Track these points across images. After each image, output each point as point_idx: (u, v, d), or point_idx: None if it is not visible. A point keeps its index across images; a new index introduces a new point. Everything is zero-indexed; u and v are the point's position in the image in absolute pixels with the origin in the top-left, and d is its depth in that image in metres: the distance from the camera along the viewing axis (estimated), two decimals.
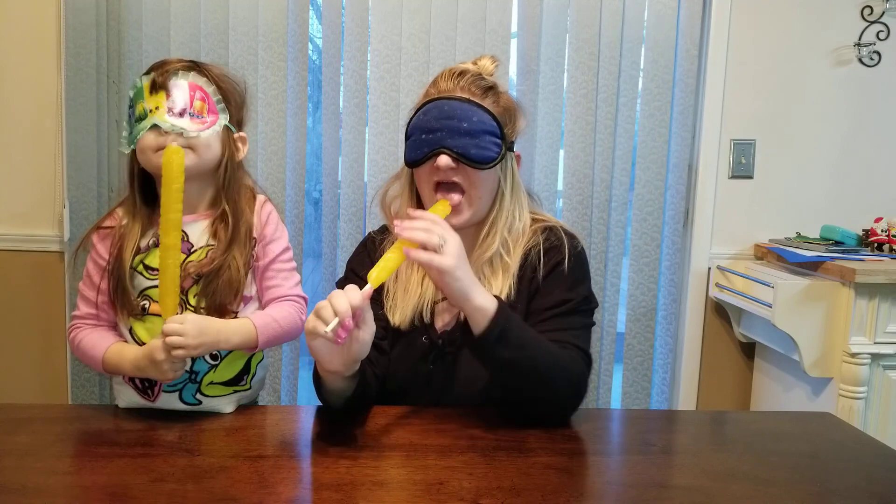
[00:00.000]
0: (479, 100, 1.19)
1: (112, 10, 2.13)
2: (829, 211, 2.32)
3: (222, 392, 1.22)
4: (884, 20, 2.26)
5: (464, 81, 1.20)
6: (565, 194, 2.28)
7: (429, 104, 1.18)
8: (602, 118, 2.24)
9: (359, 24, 2.20)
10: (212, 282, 1.19)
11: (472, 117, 1.16)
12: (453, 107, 1.16)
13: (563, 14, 2.23)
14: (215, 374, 1.21)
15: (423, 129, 1.17)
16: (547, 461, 0.98)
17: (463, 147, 1.15)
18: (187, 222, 1.21)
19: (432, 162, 1.17)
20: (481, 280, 1.21)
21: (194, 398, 1.20)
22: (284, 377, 2.29)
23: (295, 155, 2.25)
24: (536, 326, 1.17)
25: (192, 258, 1.21)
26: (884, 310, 1.91)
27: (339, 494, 0.87)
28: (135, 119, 1.18)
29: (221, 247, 1.21)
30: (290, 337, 1.26)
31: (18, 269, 2.23)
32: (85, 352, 1.22)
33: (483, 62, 1.26)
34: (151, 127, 1.16)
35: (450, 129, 1.15)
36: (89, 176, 2.16)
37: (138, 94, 1.19)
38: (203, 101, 1.19)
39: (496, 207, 1.24)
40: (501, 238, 1.23)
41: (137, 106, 1.18)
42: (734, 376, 2.40)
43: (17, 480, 0.90)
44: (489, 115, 1.17)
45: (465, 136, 1.15)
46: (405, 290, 1.26)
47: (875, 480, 0.96)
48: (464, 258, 1.06)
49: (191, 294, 1.19)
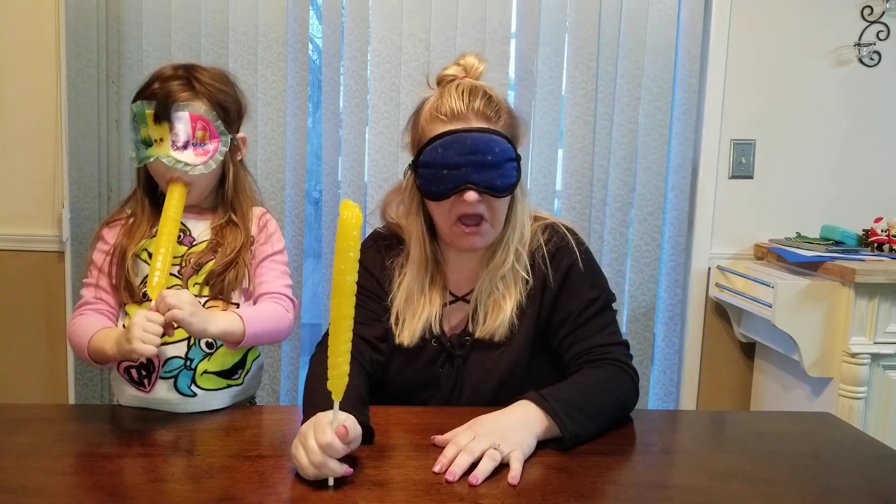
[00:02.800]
0: (495, 125, 1.16)
1: (112, 11, 2.13)
2: (829, 211, 2.32)
3: (216, 385, 1.24)
4: (884, 20, 2.26)
5: (477, 104, 1.15)
6: (564, 194, 2.28)
7: (447, 136, 1.13)
8: (601, 118, 2.24)
9: (359, 24, 2.20)
10: (215, 267, 1.25)
11: (494, 148, 1.13)
12: (476, 140, 1.12)
13: (562, 14, 2.23)
14: (210, 363, 1.23)
15: (444, 164, 1.13)
16: (547, 461, 0.98)
17: (489, 180, 1.13)
18: (190, 219, 1.30)
19: (457, 196, 1.15)
20: (494, 294, 1.21)
21: (189, 389, 1.21)
22: (284, 377, 2.29)
23: (295, 155, 2.25)
24: (575, 332, 1.20)
25: (193, 250, 1.27)
26: (884, 310, 1.91)
27: (339, 494, 0.87)
28: (140, 140, 1.25)
29: (222, 235, 1.28)
30: (278, 335, 1.27)
31: (18, 269, 2.23)
32: (73, 337, 1.23)
33: (468, 61, 1.22)
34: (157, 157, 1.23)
35: (474, 164, 1.12)
36: (89, 176, 2.16)
37: (142, 119, 1.24)
38: (204, 130, 1.25)
39: (510, 220, 1.22)
40: (515, 251, 1.22)
41: (142, 129, 1.24)
42: (734, 376, 2.40)
43: (17, 480, 0.90)
44: (507, 142, 1.15)
45: (490, 169, 1.13)
46: (414, 312, 1.24)
47: (875, 480, 0.96)
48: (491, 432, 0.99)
49: (191, 283, 1.25)
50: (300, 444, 0.90)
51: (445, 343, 1.23)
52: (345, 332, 0.89)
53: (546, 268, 1.22)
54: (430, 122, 1.17)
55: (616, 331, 1.23)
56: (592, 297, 1.21)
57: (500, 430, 0.98)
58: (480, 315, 1.22)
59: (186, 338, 1.22)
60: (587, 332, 1.20)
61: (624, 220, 2.30)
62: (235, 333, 1.18)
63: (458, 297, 1.26)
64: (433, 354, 1.23)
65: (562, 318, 1.21)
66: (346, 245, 0.87)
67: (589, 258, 1.25)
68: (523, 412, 1.04)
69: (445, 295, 1.26)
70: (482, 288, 1.22)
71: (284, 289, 1.31)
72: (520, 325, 1.21)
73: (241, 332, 1.19)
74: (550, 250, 1.23)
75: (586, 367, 1.16)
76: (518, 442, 0.97)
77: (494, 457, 0.94)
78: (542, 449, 1.01)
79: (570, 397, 1.06)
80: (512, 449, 0.95)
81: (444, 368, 1.23)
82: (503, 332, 1.20)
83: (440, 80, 1.23)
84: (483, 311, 1.22)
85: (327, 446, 0.87)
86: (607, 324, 1.22)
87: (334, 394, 0.90)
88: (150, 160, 1.22)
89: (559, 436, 1.02)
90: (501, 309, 1.20)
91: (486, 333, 1.21)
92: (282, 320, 1.27)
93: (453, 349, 1.23)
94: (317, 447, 0.88)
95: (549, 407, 1.03)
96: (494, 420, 1.02)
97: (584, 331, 1.20)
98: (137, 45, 2.15)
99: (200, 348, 1.23)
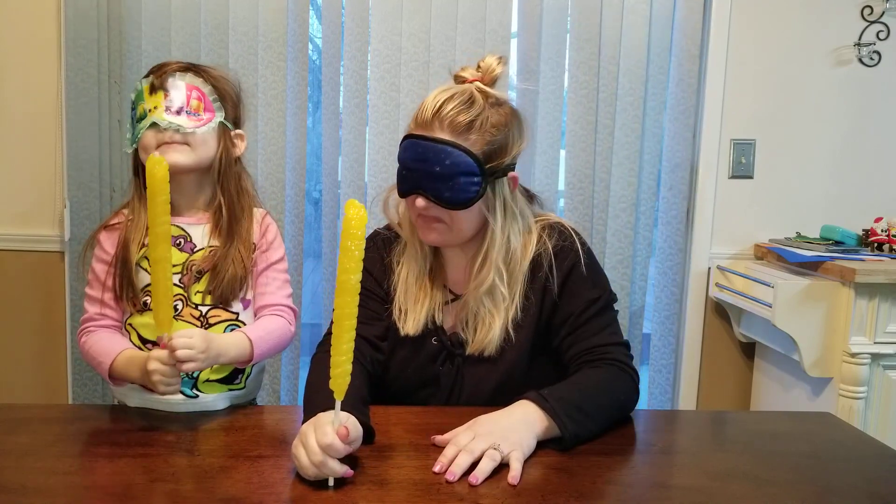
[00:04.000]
0: (459, 137, 1.13)
1: (112, 11, 2.13)
2: (829, 211, 2.32)
3: (218, 390, 1.25)
4: (884, 20, 2.26)
5: (446, 112, 1.13)
6: (566, 194, 2.28)
7: (407, 141, 1.17)
8: (603, 118, 2.24)
9: (359, 24, 2.20)
10: (218, 273, 1.24)
11: (444, 160, 1.12)
12: (426, 149, 1.13)
13: (564, 14, 2.23)
14: (211, 372, 1.24)
15: (403, 165, 1.18)
16: (547, 461, 0.98)
17: (436, 191, 1.14)
18: (189, 224, 1.28)
19: (413, 198, 1.17)
20: (481, 311, 1.20)
21: (192, 391, 1.23)
22: (284, 377, 2.29)
23: (295, 155, 2.25)
24: (575, 332, 1.20)
25: (194, 257, 1.26)
26: (884, 310, 1.91)
27: (339, 494, 0.87)
28: (136, 120, 1.24)
29: (223, 239, 1.27)
30: (281, 348, 1.31)
31: (18, 269, 2.23)
32: (90, 359, 1.24)
33: (487, 62, 1.21)
34: (150, 125, 1.20)
35: (424, 172, 1.14)
36: (89, 176, 2.16)
37: (139, 97, 1.24)
38: (199, 101, 1.24)
39: (488, 237, 1.20)
40: (496, 269, 1.20)
41: (138, 108, 1.24)
42: (734, 376, 2.40)
43: (17, 480, 0.90)
44: (466, 155, 1.12)
45: (438, 181, 1.13)
46: (415, 300, 1.24)
47: (875, 480, 0.96)
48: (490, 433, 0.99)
49: (193, 291, 1.24)
50: (300, 444, 0.90)
51: (445, 341, 1.24)
52: (348, 332, 0.89)
53: (547, 268, 1.21)
54: (412, 120, 1.20)
55: (617, 331, 1.23)
56: (593, 298, 1.21)
57: (500, 430, 0.98)
58: (470, 329, 1.22)
59: None
60: (587, 332, 1.20)
61: (628, 221, 2.29)
62: (244, 359, 1.21)
63: (458, 296, 1.27)
64: (434, 352, 1.24)
65: (562, 318, 1.21)
66: (351, 244, 0.87)
67: (591, 258, 1.25)
68: (523, 412, 1.04)
69: (446, 293, 1.27)
70: (468, 302, 1.22)
71: (286, 300, 1.32)
72: (516, 335, 1.21)
73: (250, 355, 1.21)
74: (553, 251, 1.22)
75: (586, 367, 1.16)
76: (518, 442, 0.97)
77: (494, 457, 0.94)
78: (542, 449, 1.01)
79: (570, 397, 1.06)
80: (512, 449, 0.95)
81: (444, 367, 1.24)
82: (493, 347, 1.20)
83: (454, 77, 1.23)
84: (472, 325, 1.22)
85: (328, 447, 0.87)
86: (608, 324, 1.22)
87: (336, 393, 0.90)
88: (142, 131, 1.20)
89: (559, 436, 1.02)
90: (490, 327, 1.20)
91: (476, 349, 1.21)
92: (285, 335, 1.29)
93: (453, 347, 1.23)
94: (317, 447, 0.88)
95: (549, 407, 1.03)
96: (494, 420, 1.02)
97: (585, 331, 1.20)
98: (137, 45, 2.15)
99: None
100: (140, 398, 1.22)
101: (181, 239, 1.26)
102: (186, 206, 1.29)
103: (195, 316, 1.24)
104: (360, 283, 0.89)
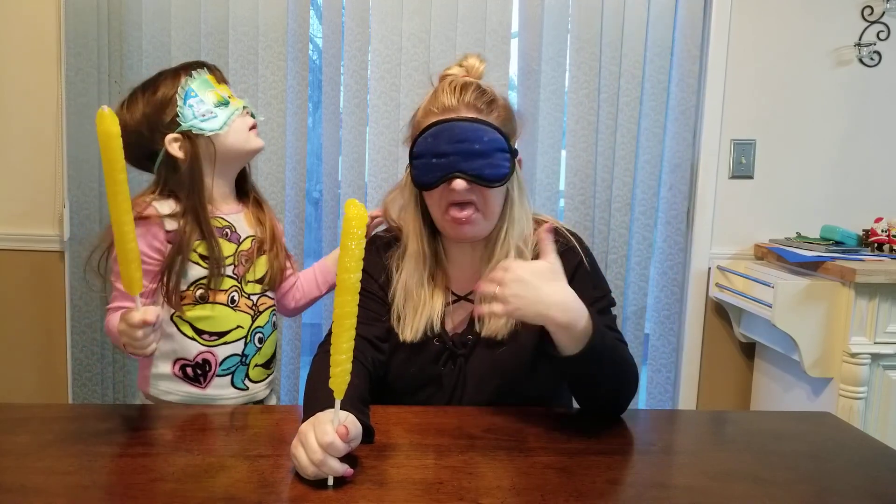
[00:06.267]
0: (486, 116, 1.17)
1: (112, 11, 2.13)
2: (829, 211, 2.32)
3: (261, 376, 1.33)
4: (884, 20, 2.26)
5: (468, 97, 1.17)
6: (567, 194, 2.28)
7: (437, 126, 1.16)
8: (604, 118, 2.24)
9: (359, 24, 2.20)
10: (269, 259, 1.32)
11: (482, 137, 1.14)
12: (464, 129, 1.14)
13: (564, 14, 2.23)
14: (259, 356, 1.32)
15: (433, 152, 1.15)
16: (547, 461, 0.98)
17: (478, 169, 1.14)
18: (229, 214, 1.31)
19: (446, 185, 1.16)
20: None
21: (243, 383, 1.29)
22: (284, 377, 2.29)
23: (295, 155, 2.25)
24: None
25: (242, 248, 1.31)
26: (884, 310, 1.91)
27: (339, 494, 0.87)
28: (218, 103, 1.26)
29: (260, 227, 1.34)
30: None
31: (18, 269, 2.23)
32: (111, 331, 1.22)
33: (470, 62, 1.24)
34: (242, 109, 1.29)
35: (463, 153, 1.14)
36: (89, 176, 2.16)
37: (205, 85, 1.26)
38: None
39: (507, 216, 1.23)
40: (516, 248, 1.22)
41: (209, 94, 1.25)
42: (734, 376, 2.40)
43: (17, 480, 0.90)
44: (497, 132, 1.16)
45: (479, 158, 1.14)
46: (415, 308, 1.24)
47: (875, 480, 0.96)
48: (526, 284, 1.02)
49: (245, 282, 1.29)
50: (300, 444, 0.90)
51: (448, 342, 1.24)
52: (348, 331, 0.89)
53: None
54: (424, 116, 1.20)
55: (619, 331, 1.25)
56: (597, 297, 1.22)
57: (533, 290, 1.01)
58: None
59: (243, 336, 1.28)
60: None
61: (628, 220, 2.29)
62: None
63: (461, 297, 1.26)
64: (435, 353, 1.23)
65: None
66: (351, 243, 0.87)
67: (593, 262, 1.27)
68: (574, 299, 1.04)
69: (448, 295, 1.27)
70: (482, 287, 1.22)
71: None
72: (523, 325, 1.21)
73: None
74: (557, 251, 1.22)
75: None
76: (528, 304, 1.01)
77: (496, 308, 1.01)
78: (542, 449, 1.01)
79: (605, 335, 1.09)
80: (517, 307, 1.00)
81: (446, 367, 1.23)
82: (506, 330, 1.21)
83: (441, 79, 1.25)
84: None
85: (328, 445, 0.87)
86: (611, 322, 1.23)
87: (336, 392, 0.90)
88: (239, 110, 1.27)
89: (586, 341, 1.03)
90: None
91: (490, 332, 1.22)
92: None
93: (455, 348, 1.23)
94: (317, 446, 0.88)
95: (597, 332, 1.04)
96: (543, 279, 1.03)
97: None
98: (137, 45, 2.15)
99: (254, 344, 1.30)
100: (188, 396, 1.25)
101: (227, 230, 1.29)
102: (223, 198, 1.32)
103: (248, 305, 1.29)
104: (360, 282, 0.89)
